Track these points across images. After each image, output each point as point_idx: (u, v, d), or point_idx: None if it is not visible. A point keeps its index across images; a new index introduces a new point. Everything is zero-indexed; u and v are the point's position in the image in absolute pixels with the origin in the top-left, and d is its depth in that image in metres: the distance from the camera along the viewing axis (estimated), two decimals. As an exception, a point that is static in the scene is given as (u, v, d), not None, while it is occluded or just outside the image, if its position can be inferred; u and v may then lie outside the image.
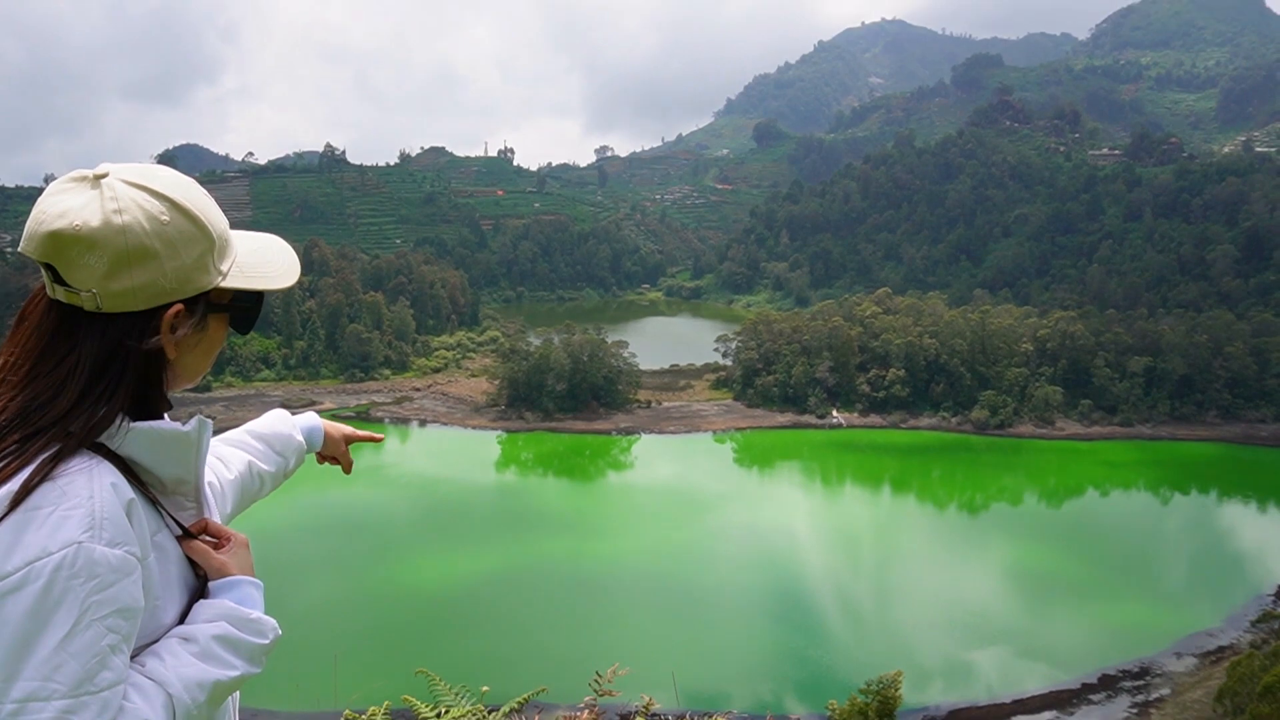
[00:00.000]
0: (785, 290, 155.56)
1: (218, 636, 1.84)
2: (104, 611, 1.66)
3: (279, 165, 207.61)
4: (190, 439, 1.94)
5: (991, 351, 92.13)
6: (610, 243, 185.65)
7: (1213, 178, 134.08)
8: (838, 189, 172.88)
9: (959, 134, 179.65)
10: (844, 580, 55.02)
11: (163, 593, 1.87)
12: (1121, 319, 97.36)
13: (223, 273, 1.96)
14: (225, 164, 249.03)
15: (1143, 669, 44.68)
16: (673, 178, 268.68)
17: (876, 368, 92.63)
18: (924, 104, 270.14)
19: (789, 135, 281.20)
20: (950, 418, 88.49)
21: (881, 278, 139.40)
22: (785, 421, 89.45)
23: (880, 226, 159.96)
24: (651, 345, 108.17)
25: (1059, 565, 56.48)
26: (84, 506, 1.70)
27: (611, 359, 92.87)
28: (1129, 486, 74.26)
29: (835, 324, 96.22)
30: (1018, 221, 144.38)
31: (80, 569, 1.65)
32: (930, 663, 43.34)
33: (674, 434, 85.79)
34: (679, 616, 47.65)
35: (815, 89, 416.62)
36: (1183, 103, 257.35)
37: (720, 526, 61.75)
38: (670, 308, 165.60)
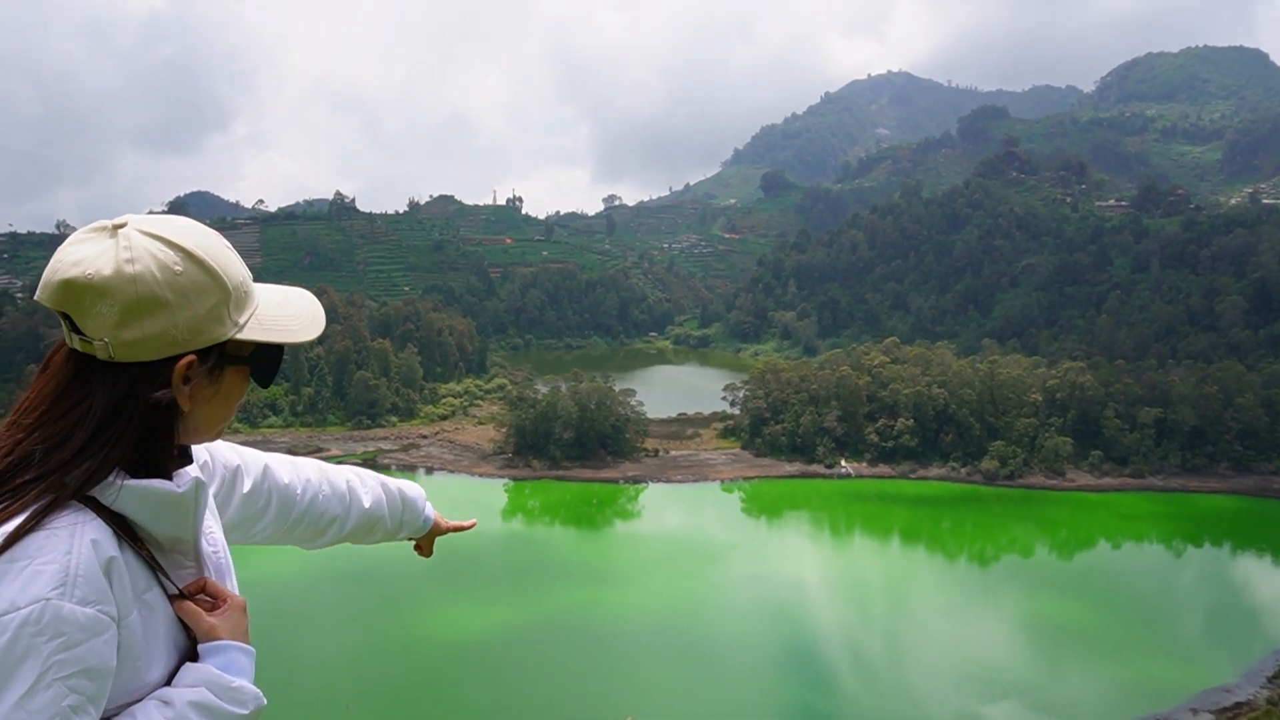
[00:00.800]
0: (793, 339, 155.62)
1: (194, 703, 1.80)
2: (67, 671, 1.64)
3: (289, 213, 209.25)
4: (185, 501, 1.91)
5: (1000, 402, 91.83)
6: (618, 291, 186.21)
7: (1220, 229, 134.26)
8: (845, 239, 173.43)
9: (965, 184, 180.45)
10: (854, 632, 54.43)
11: (146, 652, 1.83)
12: (1131, 370, 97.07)
13: (239, 324, 1.94)
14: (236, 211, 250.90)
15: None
16: (680, 227, 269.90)
17: (885, 417, 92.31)
18: (930, 155, 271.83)
19: (796, 185, 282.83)
20: (960, 468, 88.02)
21: (889, 327, 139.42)
22: (793, 471, 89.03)
23: (888, 276, 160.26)
24: (659, 393, 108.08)
25: (1071, 618, 55.87)
26: (58, 562, 1.68)
27: (619, 407, 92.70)
28: (1141, 539, 73.66)
29: (843, 373, 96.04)
30: (1025, 272, 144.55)
31: (46, 626, 1.63)
32: (941, 717, 42.74)
33: (681, 483, 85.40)
34: (688, 668, 47.12)
35: (822, 139, 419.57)
36: (1188, 155, 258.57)
37: (729, 577, 61.27)
38: (678, 356, 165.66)
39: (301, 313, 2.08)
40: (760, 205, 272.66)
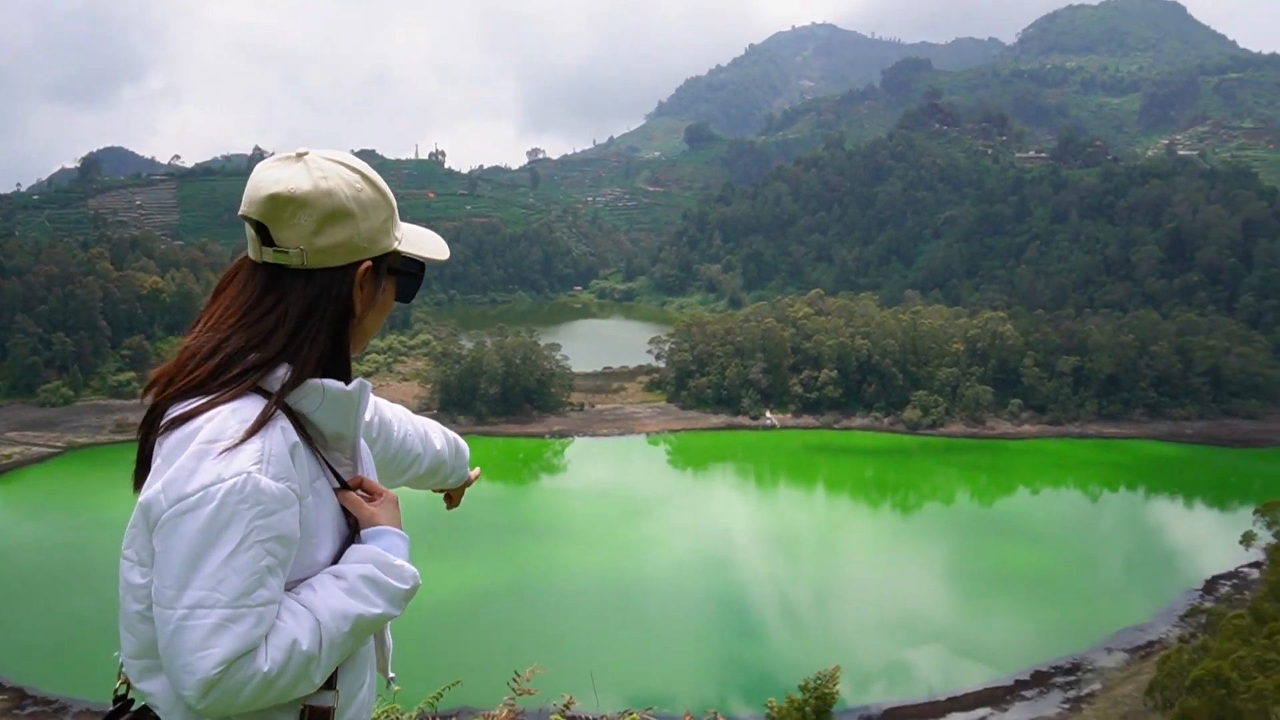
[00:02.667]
0: (718, 292, 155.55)
1: (364, 576, 2.01)
2: (264, 535, 1.87)
3: (207, 168, 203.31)
4: (353, 398, 2.14)
5: (923, 352, 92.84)
6: (542, 245, 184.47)
7: (1137, 180, 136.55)
8: (769, 191, 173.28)
9: (889, 137, 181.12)
10: (781, 581, 54.75)
11: (318, 532, 2.06)
12: (1049, 319, 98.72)
13: (398, 239, 2.21)
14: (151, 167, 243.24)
15: (1074, 665, 44.95)
16: (604, 180, 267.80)
17: (809, 369, 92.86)
18: (854, 107, 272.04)
19: (720, 138, 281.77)
20: (883, 418, 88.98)
21: (813, 279, 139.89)
22: (719, 423, 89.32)
23: (811, 228, 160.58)
24: (584, 348, 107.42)
25: (992, 563, 56.84)
26: (256, 442, 1.92)
27: (544, 362, 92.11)
28: (1059, 485, 75.10)
29: (768, 325, 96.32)
30: (947, 223, 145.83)
31: (248, 495, 1.86)
32: (867, 663, 43.16)
33: (608, 436, 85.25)
34: (615, 620, 47.08)
35: (746, 92, 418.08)
36: (1107, 106, 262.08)
37: (656, 530, 61.29)
38: (603, 310, 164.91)
39: (430, 237, 2.34)
40: (684, 158, 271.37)
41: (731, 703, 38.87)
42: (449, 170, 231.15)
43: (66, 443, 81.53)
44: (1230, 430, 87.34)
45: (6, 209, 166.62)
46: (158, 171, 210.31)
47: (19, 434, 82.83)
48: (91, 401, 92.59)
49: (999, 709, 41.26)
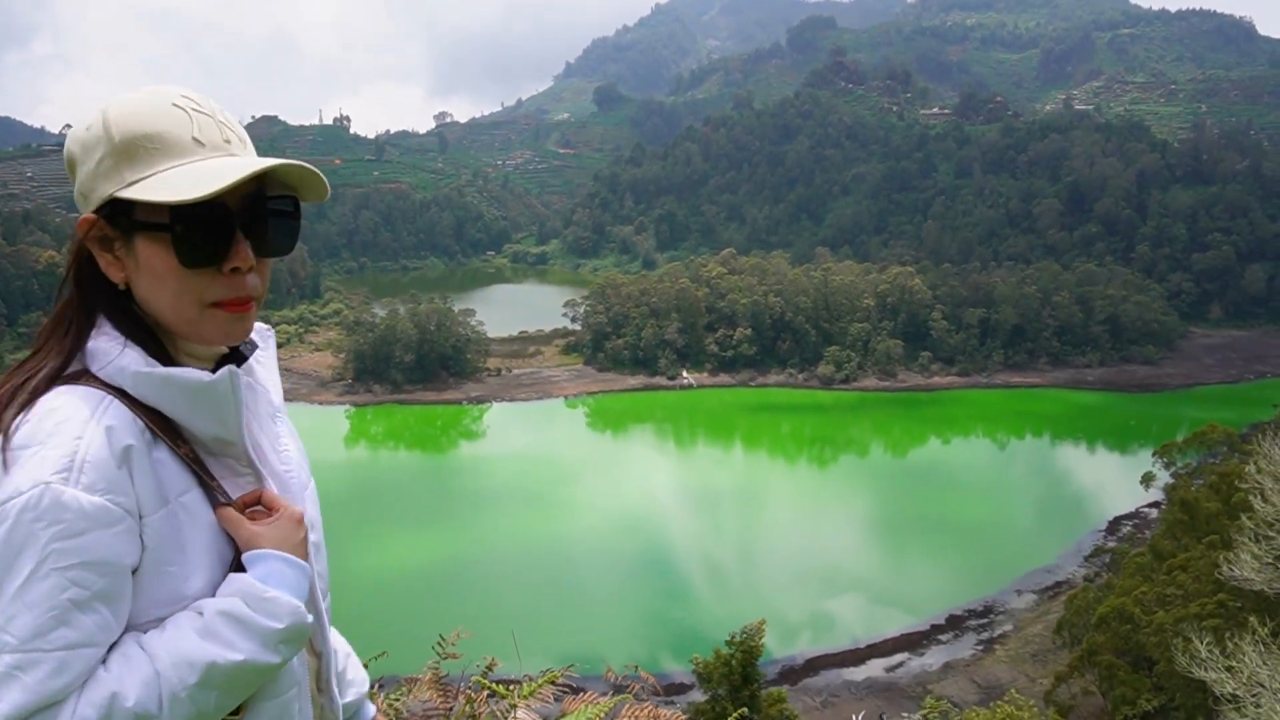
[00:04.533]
0: (632, 254, 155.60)
1: (223, 612, 1.59)
2: (66, 561, 1.48)
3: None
4: (215, 390, 1.68)
5: (835, 308, 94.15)
6: (453, 210, 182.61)
7: (1036, 135, 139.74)
8: (679, 152, 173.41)
9: (796, 95, 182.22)
10: (704, 540, 55.58)
11: (181, 559, 1.64)
12: (956, 272, 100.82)
13: (128, 181, 1.64)
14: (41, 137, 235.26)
15: (987, 608, 46.53)
16: (514, 143, 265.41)
17: (724, 327, 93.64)
18: (761, 66, 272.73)
19: (629, 99, 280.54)
20: (797, 374, 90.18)
21: (725, 238, 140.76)
22: (636, 384, 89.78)
23: (722, 188, 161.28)
24: (499, 312, 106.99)
25: (907, 513, 58.29)
26: (65, 446, 1.53)
27: (459, 328, 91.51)
28: (969, 434, 77.09)
29: (682, 285, 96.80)
30: (855, 180, 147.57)
31: (44, 512, 1.48)
32: (790, 614, 44.16)
33: (526, 401, 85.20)
34: (540, 583, 47.37)
35: (653, 52, 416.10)
36: (1006, 62, 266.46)
37: (578, 492, 61.64)
38: (517, 274, 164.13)
39: (208, 172, 1.62)
40: (594, 119, 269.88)
41: (660, 659, 39.58)
42: (355, 136, 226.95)
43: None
44: (1129, 376, 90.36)
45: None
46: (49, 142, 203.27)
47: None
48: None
49: (916, 653, 42.60)
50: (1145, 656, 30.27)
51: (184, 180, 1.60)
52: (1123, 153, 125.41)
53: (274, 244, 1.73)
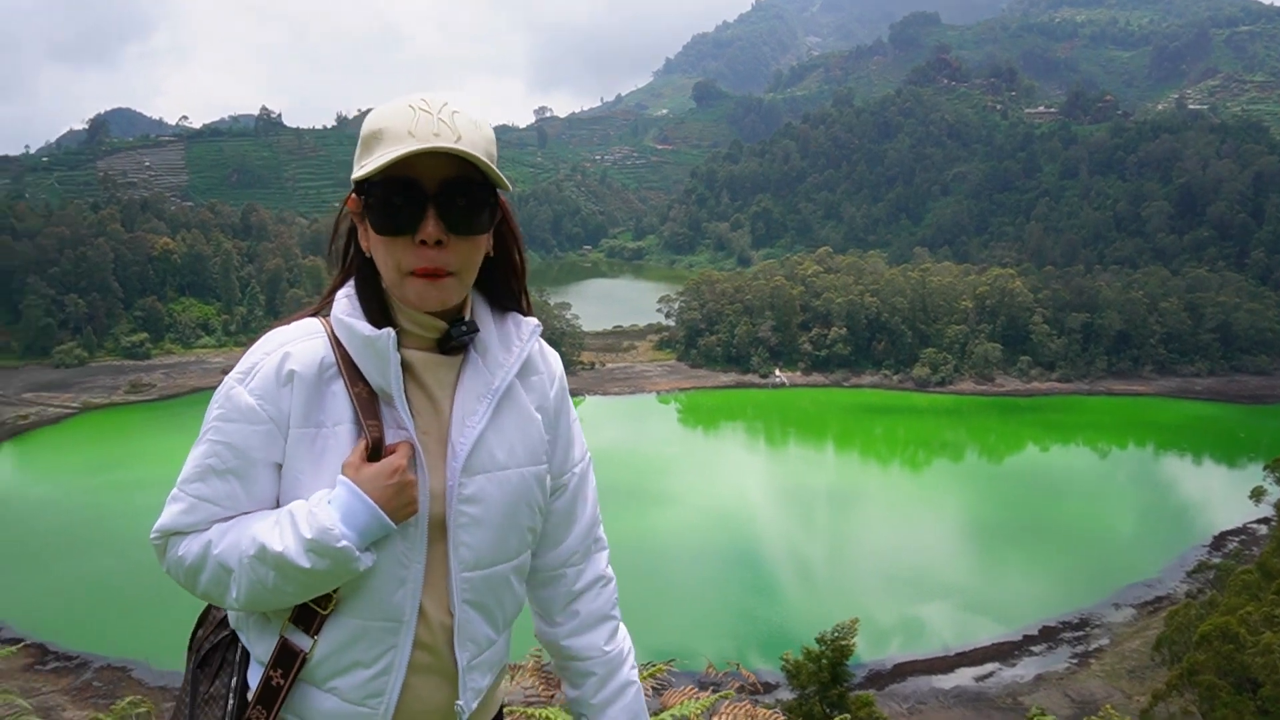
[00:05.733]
0: (727, 250, 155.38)
1: (290, 511, 1.86)
2: (216, 437, 1.89)
3: (214, 129, 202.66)
4: (373, 344, 1.91)
5: (932, 309, 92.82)
6: (551, 204, 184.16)
7: (1147, 135, 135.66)
8: (777, 148, 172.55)
9: (897, 93, 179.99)
10: (794, 538, 55.20)
11: (310, 471, 1.91)
12: (1059, 275, 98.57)
13: (360, 166, 1.91)
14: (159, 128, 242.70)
15: (1083, 620, 45.34)
16: (612, 138, 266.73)
17: (818, 326, 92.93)
18: (862, 63, 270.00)
19: (728, 95, 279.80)
20: (892, 375, 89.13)
21: (822, 236, 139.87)
22: (729, 381, 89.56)
23: (820, 185, 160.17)
24: (594, 307, 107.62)
25: (1002, 520, 57.17)
26: (254, 358, 1.94)
27: (554, 321, 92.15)
28: (1068, 442, 75.26)
29: (777, 283, 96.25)
30: (956, 180, 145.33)
31: (221, 398, 1.92)
32: (879, 618, 43.58)
33: (618, 395, 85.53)
34: (631, 576, 47.13)
35: (754, 48, 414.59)
36: (1117, 60, 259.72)
37: (669, 487, 61.65)
38: (612, 269, 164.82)
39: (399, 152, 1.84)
40: (692, 115, 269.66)
41: (749, 655, 39.33)
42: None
43: (82, 403, 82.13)
44: (1239, 386, 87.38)
45: (15, 171, 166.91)
46: (166, 133, 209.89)
47: (35, 395, 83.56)
48: (105, 362, 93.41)
49: (1007, 664, 41.72)
50: (1250, 679, 29.27)
51: (378, 162, 1.84)
52: (1239, 154, 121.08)
53: (462, 222, 1.90)
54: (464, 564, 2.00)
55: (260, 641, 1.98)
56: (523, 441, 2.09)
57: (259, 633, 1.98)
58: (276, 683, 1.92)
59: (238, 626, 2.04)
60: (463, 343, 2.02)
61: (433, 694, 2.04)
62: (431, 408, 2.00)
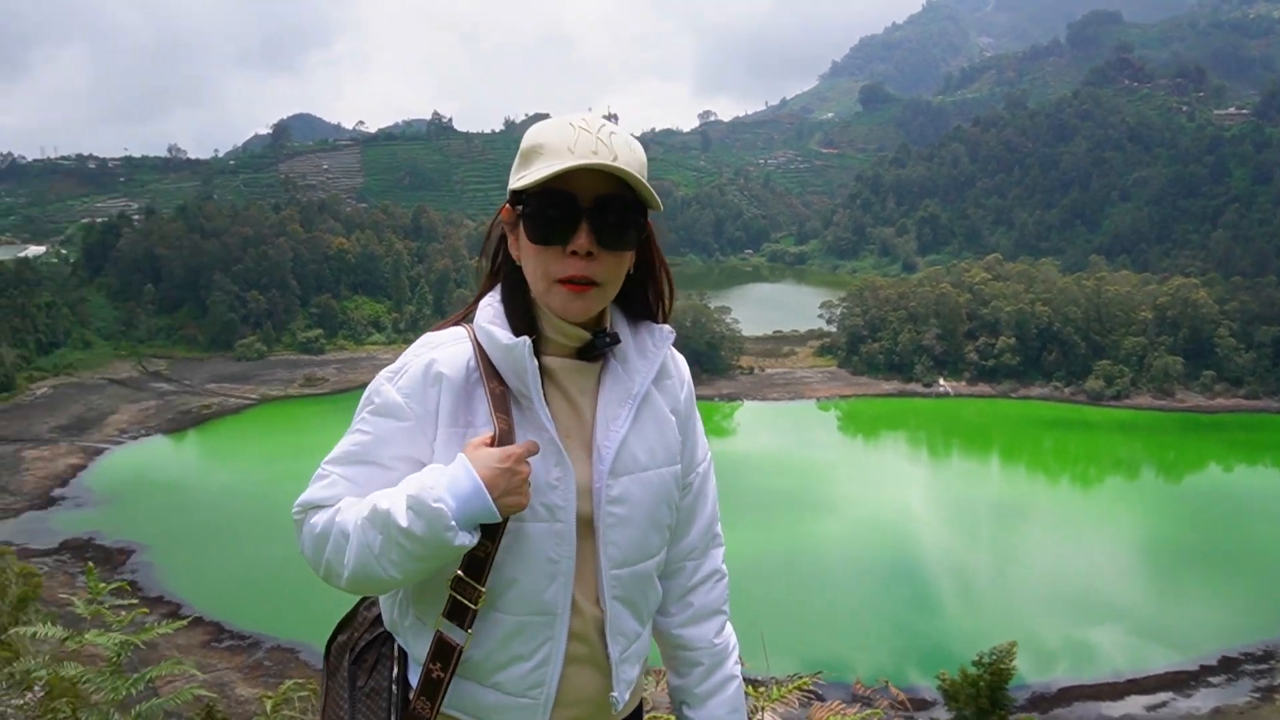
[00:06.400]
0: (891, 256, 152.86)
1: (408, 477, 1.95)
2: (364, 427, 2.04)
3: (388, 133, 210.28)
4: (513, 352, 2.01)
5: (1107, 320, 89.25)
6: (713, 208, 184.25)
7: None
8: (946, 152, 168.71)
9: (1074, 94, 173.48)
10: (955, 552, 53.68)
11: (443, 460, 1.99)
12: (1248, 286, 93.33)
13: (518, 177, 2.04)
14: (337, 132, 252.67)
15: (1267, 652, 42.78)
16: (777, 142, 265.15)
17: (985, 335, 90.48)
18: (1037, 64, 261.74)
19: (896, 98, 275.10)
20: (1063, 387, 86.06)
21: (991, 243, 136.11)
22: (890, 389, 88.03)
23: (990, 191, 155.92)
24: (754, 311, 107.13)
25: (1180, 543, 54.54)
26: (406, 359, 2.08)
27: (714, 325, 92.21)
28: (1255, 462, 71.28)
29: (943, 290, 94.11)
30: (1137, 185, 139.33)
31: (373, 393, 2.07)
32: (1044, 639, 42.05)
33: (777, 401, 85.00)
34: (785, 584, 46.97)
35: (923, 50, 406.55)
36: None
37: (826, 496, 60.92)
38: (774, 273, 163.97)
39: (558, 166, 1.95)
40: (858, 119, 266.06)
41: (905, 671, 38.42)
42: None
43: (260, 395, 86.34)
44: None
45: (205, 174, 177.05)
46: (343, 137, 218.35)
47: (218, 386, 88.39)
48: (282, 356, 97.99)
49: (1182, 694, 39.66)
50: None
51: (537, 174, 1.96)
52: None
53: (611, 237, 2.00)
54: (613, 562, 2.09)
55: (418, 641, 2.08)
56: (661, 443, 2.18)
57: (415, 634, 2.09)
58: (436, 675, 2.00)
59: (392, 627, 2.16)
60: (603, 351, 2.13)
61: (587, 684, 2.13)
62: (573, 412, 2.10)
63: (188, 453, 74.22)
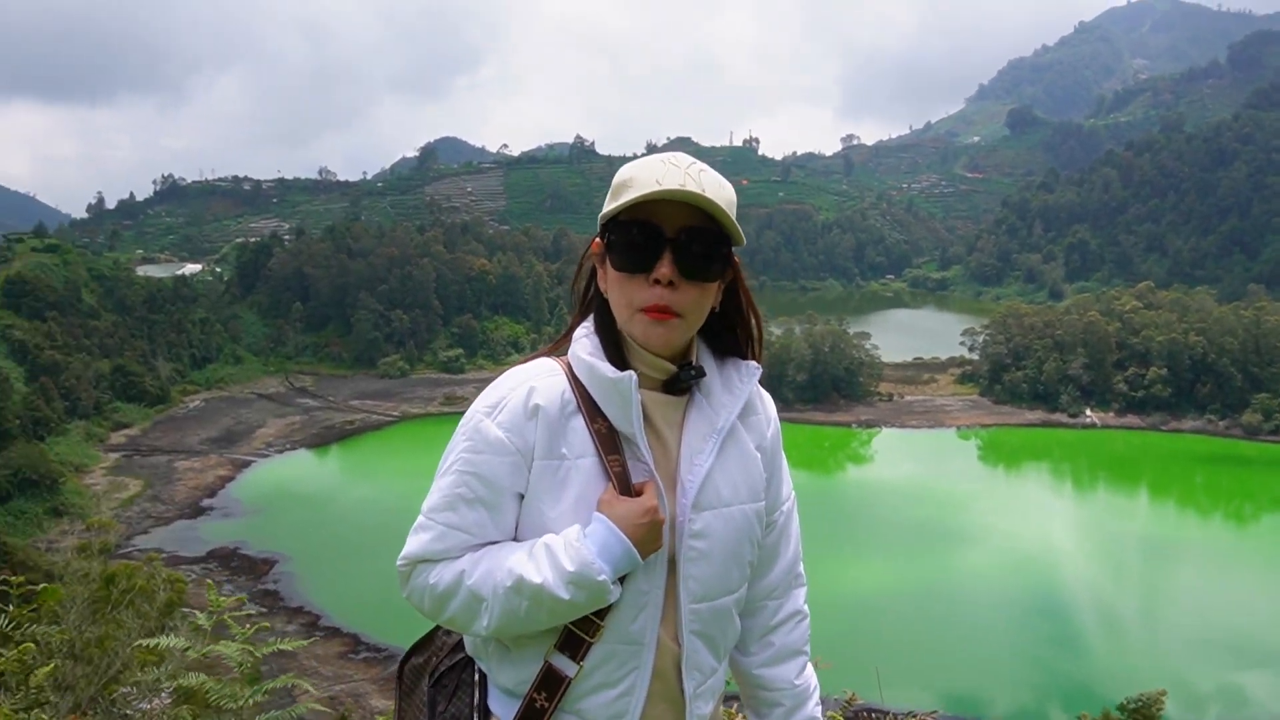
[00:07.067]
0: (1037, 283, 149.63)
1: (546, 544, 1.96)
2: (465, 467, 2.01)
3: (531, 156, 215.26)
4: (617, 386, 2.02)
5: (1267, 351, 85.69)
6: (854, 232, 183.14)
7: None
8: (1097, 177, 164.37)
9: (1235, 118, 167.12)
10: (1099, 590, 52.16)
11: (553, 501, 2.02)
12: None
13: (607, 209, 2.09)
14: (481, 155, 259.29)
15: None
16: (920, 166, 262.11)
17: (1135, 365, 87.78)
18: (1195, 86, 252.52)
19: (1044, 121, 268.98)
20: (1217, 421, 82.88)
21: (1143, 271, 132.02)
22: (1034, 419, 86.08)
23: (1143, 217, 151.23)
24: (894, 337, 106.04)
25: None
26: (501, 392, 2.06)
27: (853, 350, 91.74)
28: None
29: (1091, 318, 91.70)
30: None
31: (470, 430, 2.04)
32: (1195, 683, 40.67)
33: (916, 428, 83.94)
34: (912, 615, 46.53)
35: (1074, 72, 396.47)
36: None
37: (963, 525, 59.94)
38: (914, 299, 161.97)
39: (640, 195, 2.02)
40: (1005, 143, 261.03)
41: (1045, 711, 37.85)
42: (762, 157, 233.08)
43: (401, 412, 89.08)
44: None
45: (354, 195, 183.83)
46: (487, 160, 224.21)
47: (361, 402, 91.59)
48: (424, 375, 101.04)
49: (1345, 744, 38.09)
50: None
51: (620, 204, 2.03)
52: None
53: (695, 268, 2.02)
54: (692, 596, 2.08)
55: (504, 668, 2.10)
56: (745, 479, 2.19)
57: (501, 660, 2.11)
58: (541, 705, 2.03)
59: (476, 653, 2.19)
60: (689, 385, 2.15)
61: (662, 718, 2.13)
62: (660, 445, 2.10)
63: (330, 467, 76.87)
